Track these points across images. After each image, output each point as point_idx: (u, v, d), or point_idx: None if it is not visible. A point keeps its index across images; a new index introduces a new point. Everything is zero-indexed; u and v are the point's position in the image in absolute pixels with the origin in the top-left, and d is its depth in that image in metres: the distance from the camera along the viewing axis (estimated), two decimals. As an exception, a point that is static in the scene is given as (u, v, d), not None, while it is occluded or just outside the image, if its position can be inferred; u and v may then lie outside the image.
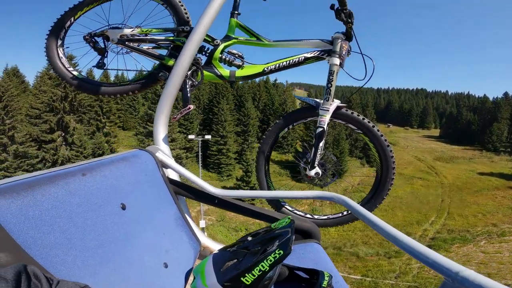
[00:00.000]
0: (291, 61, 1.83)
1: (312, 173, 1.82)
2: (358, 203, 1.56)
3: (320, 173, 1.84)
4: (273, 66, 1.86)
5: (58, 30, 2.08)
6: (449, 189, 42.41)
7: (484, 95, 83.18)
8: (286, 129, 1.97)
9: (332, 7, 1.67)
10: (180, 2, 2.02)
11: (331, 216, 1.95)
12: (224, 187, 34.92)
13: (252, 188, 32.70)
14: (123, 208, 0.96)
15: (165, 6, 2.05)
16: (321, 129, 1.77)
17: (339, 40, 1.74)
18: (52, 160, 32.48)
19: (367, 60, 1.82)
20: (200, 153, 29.88)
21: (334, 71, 1.74)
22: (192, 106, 1.80)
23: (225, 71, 1.91)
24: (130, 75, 2.15)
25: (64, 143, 34.79)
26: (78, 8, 2.07)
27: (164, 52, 2.03)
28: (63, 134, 34.99)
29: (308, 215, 1.98)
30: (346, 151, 46.60)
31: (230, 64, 1.94)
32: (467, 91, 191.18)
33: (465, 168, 50.77)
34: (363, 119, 1.80)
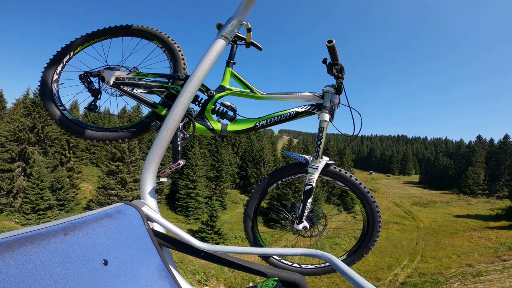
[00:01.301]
0: (282, 116, 1.83)
1: (300, 227, 1.84)
2: (345, 253, 1.97)
3: (308, 227, 1.87)
4: (265, 121, 1.84)
5: (56, 64, 2.01)
6: (425, 233, 40.81)
7: (461, 139, 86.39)
8: (274, 185, 1.99)
9: (324, 61, 1.72)
10: (178, 47, 2.03)
11: (318, 266, 1.95)
12: (190, 230, 33.90)
13: (216, 233, 32.67)
14: (105, 263, 0.97)
15: (164, 50, 2.05)
16: (309, 186, 1.79)
17: (330, 94, 1.77)
18: (7, 189, 32.47)
19: (355, 114, 1.86)
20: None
21: (323, 127, 1.75)
22: (182, 162, 1.68)
23: (217, 124, 1.86)
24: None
25: (22, 173, 34.64)
26: (79, 42, 2.03)
27: (157, 98, 1.97)
28: (23, 164, 34.90)
29: (295, 265, 2.00)
30: (322, 198, 45.89)
31: (222, 116, 1.90)
32: (445, 136, 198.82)
33: (442, 211, 49.89)
34: (351, 176, 1.87)
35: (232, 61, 1.97)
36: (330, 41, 1.62)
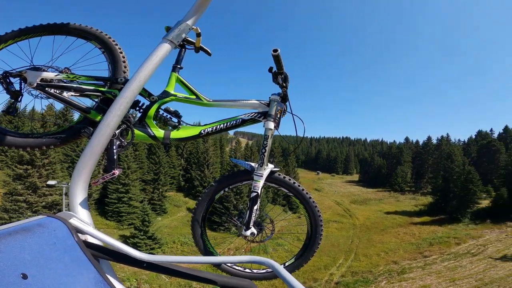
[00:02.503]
0: (228, 123, 1.82)
1: (248, 233, 1.84)
2: (293, 257, 2.05)
3: (256, 232, 1.87)
4: (210, 129, 1.82)
5: None
6: (359, 230, 42.46)
7: (394, 141, 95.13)
8: (222, 192, 1.99)
9: (270, 70, 1.75)
10: (120, 49, 1.92)
11: (269, 270, 1.95)
12: (122, 236, 32.15)
13: (150, 238, 31.61)
14: (24, 277, 0.92)
15: (102, 51, 1.94)
16: (255, 193, 1.81)
17: (275, 103, 1.79)
18: None
19: (299, 122, 1.94)
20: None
21: (268, 136, 1.77)
22: (118, 171, 1.60)
23: (159, 131, 1.78)
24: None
25: None
26: (2, 39, 1.89)
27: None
28: None
29: (247, 270, 2.02)
30: (265, 200, 45.12)
31: (165, 123, 1.84)
32: (381, 138, 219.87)
33: (375, 208, 52.86)
34: (294, 183, 1.93)
35: (178, 66, 1.91)
36: (275, 50, 1.64)
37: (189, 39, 2.00)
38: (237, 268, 2.02)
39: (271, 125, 1.75)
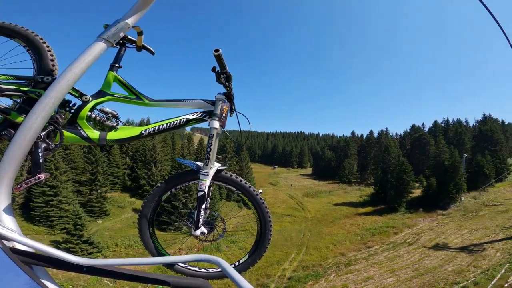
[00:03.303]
0: (172, 123, 1.80)
1: (198, 232, 1.85)
2: (247, 254, 2.10)
3: (206, 232, 1.88)
4: (152, 129, 1.78)
5: None
6: (311, 223, 43.75)
7: (343, 135, 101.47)
8: (169, 193, 1.98)
9: (213, 69, 1.75)
10: (48, 47, 1.81)
11: None
12: (54, 242, 30.22)
13: (86, 242, 30.23)
14: None
15: (27, 49, 1.84)
16: (201, 193, 1.81)
17: (220, 102, 1.80)
18: None
19: (245, 121, 2.01)
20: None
21: (213, 135, 1.78)
22: (44, 176, 1.53)
23: (93, 133, 1.70)
24: None
25: None
26: None
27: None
28: None
29: (202, 270, 2.02)
30: (217, 197, 44.05)
31: (101, 124, 1.77)
32: (332, 132, 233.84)
33: (325, 201, 55.19)
34: (241, 180, 1.96)
35: (117, 65, 1.86)
36: (216, 50, 1.65)
37: (130, 37, 1.96)
38: (192, 268, 2.01)
39: (216, 124, 1.76)
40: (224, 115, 1.80)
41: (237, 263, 2.08)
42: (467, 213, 38.99)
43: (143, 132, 1.76)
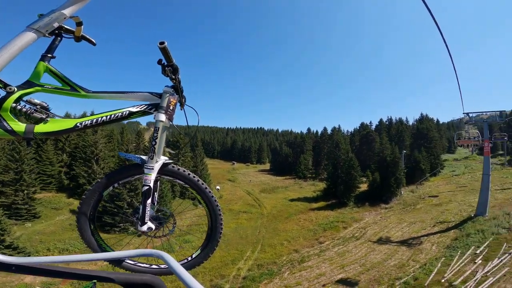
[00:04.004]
0: (113, 115, 1.73)
1: (144, 228, 1.81)
2: (199, 248, 2.08)
3: (154, 227, 1.85)
4: (89, 122, 1.71)
5: None
6: (267, 219, 43.78)
7: (301, 131, 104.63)
8: (111, 188, 1.92)
9: (159, 62, 1.70)
10: None
11: None
12: None
13: (9, 247, 27.20)
14: None
15: None
16: (146, 187, 1.77)
17: (168, 95, 1.78)
18: None
19: (194, 114, 1.99)
20: None
21: (159, 128, 1.75)
22: None
23: (18, 125, 1.60)
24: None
25: None
26: None
27: None
28: None
29: (153, 266, 2.00)
30: (168, 194, 41.47)
31: (28, 116, 1.67)
32: (291, 128, 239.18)
33: (281, 196, 55.92)
34: (189, 174, 1.93)
35: (49, 55, 1.76)
36: (161, 43, 1.62)
37: (67, 27, 1.84)
38: (142, 265, 1.97)
39: (162, 117, 1.73)
40: (171, 108, 1.77)
41: (189, 258, 2.04)
42: (406, 206, 42.47)
43: (78, 124, 1.67)
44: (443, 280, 20.51)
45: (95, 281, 1.06)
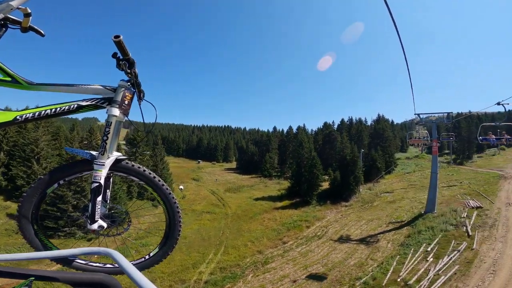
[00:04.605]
0: (58, 109, 1.65)
1: (95, 226, 1.74)
2: (157, 246, 2.05)
3: (105, 225, 1.79)
4: (31, 115, 1.63)
5: None
6: (231, 219, 42.89)
7: (268, 130, 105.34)
8: (56, 185, 1.82)
9: (114, 55, 1.64)
10: None
11: (133, 262, 1.95)
12: None
13: None
14: None
15: None
16: (96, 184, 1.71)
17: (123, 89, 1.73)
18: None
19: (151, 108, 1.92)
20: None
21: (111, 122, 1.69)
22: None
23: None
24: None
25: None
26: None
27: None
28: None
29: (108, 265, 1.93)
30: (123, 195, 38.56)
31: None
32: (258, 127, 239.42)
33: (246, 195, 55.34)
34: (144, 170, 1.86)
35: None
36: (116, 37, 1.58)
37: (13, 18, 1.79)
38: (94, 264, 1.91)
39: (115, 111, 1.68)
40: (126, 102, 1.72)
41: (147, 257, 1.99)
42: (364, 204, 44.13)
43: (18, 117, 1.59)
44: (399, 280, 21.15)
45: (33, 278, 0.99)
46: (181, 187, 62.50)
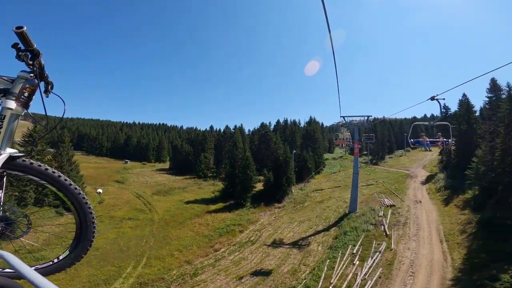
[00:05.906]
0: None
1: None
2: (67, 249, 1.89)
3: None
4: None
5: None
6: (157, 226, 38.62)
7: (206, 128, 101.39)
8: None
9: (14, 45, 1.54)
10: None
11: (39, 266, 1.85)
12: None
13: None
14: None
15: None
16: None
17: (23, 80, 1.61)
18: None
19: (59, 102, 1.84)
20: None
21: (4, 116, 1.58)
22: None
23: None
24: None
25: None
26: None
27: None
28: None
29: (7, 270, 1.79)
30: (11, 200, 30.50)
31: None
32: (195, 126, 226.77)
33: (177, 199, 51.13)
34: (47, 169, 1.72)
35: None
36: (19, 28, 1.49)
37: None
38: None
39: (10, 104, 1.57)
40: (26, 94, 1.61)
41: (55, 260, 1.87)
42: (296, 204, 44.82)
43: None
44: (330, 287, 21.16)
45: None
46: (99, 190, 54.39)
